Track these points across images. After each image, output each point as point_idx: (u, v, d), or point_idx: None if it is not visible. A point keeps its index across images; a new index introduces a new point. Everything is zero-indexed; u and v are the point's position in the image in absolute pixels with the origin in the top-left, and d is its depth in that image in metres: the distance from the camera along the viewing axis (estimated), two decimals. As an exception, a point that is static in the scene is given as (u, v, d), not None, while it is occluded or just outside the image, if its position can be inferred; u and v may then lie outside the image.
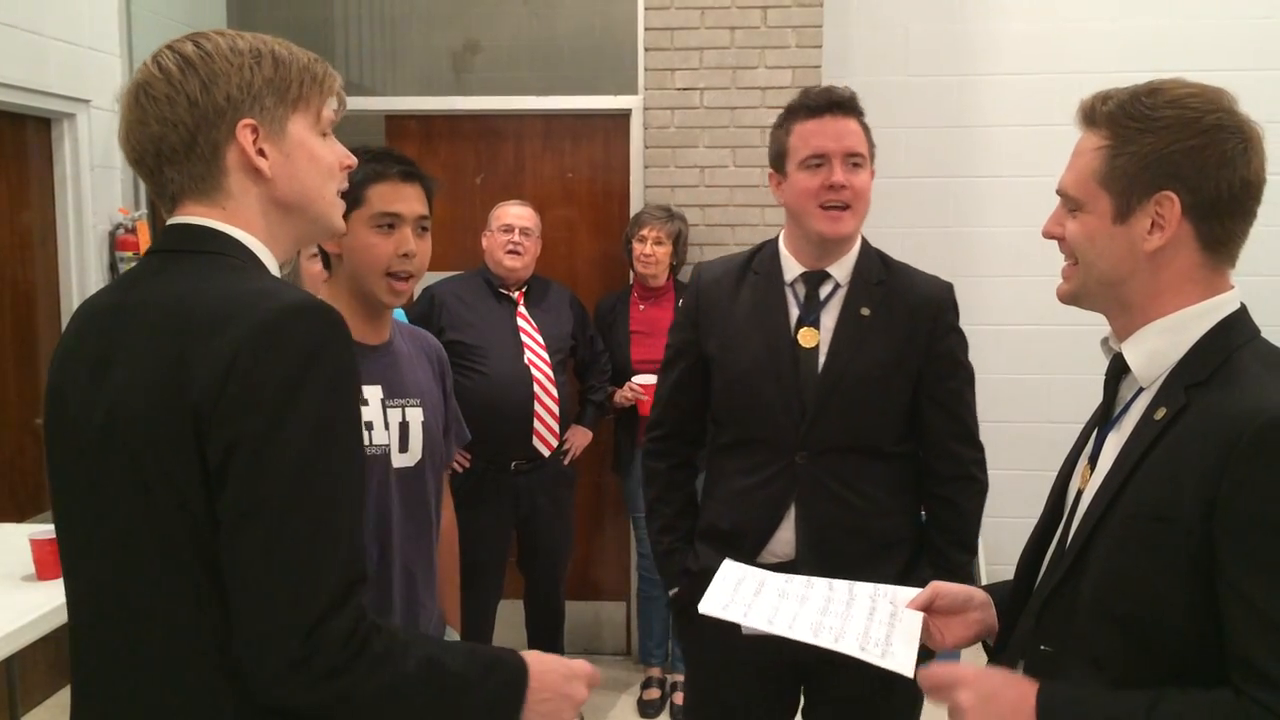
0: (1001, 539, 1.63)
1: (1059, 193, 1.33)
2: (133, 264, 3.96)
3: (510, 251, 3.61)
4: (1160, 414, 1.22)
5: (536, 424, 3.53)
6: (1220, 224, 1.23)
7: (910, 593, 1.56)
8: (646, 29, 4.06)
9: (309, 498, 1.06)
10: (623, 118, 4.16)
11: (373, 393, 1.84)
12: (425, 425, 1.91)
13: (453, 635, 2.10)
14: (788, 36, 4.01)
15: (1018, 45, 4.31)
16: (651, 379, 3.68)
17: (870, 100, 4.69)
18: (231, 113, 1.19)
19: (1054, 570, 1.32)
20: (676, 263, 3.87)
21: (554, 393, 3.56)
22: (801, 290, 2.13)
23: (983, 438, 2.24)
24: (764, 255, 2.19)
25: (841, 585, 1.61)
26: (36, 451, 3.83)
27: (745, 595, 1.56)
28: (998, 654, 1.46)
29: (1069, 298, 1.35)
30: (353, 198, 1.82)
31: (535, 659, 1.26)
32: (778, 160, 2.12)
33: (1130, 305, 1.28)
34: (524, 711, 1.23)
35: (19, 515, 3.63)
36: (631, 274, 3.96)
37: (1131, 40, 4.24)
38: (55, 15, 3.74)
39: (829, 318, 2.11)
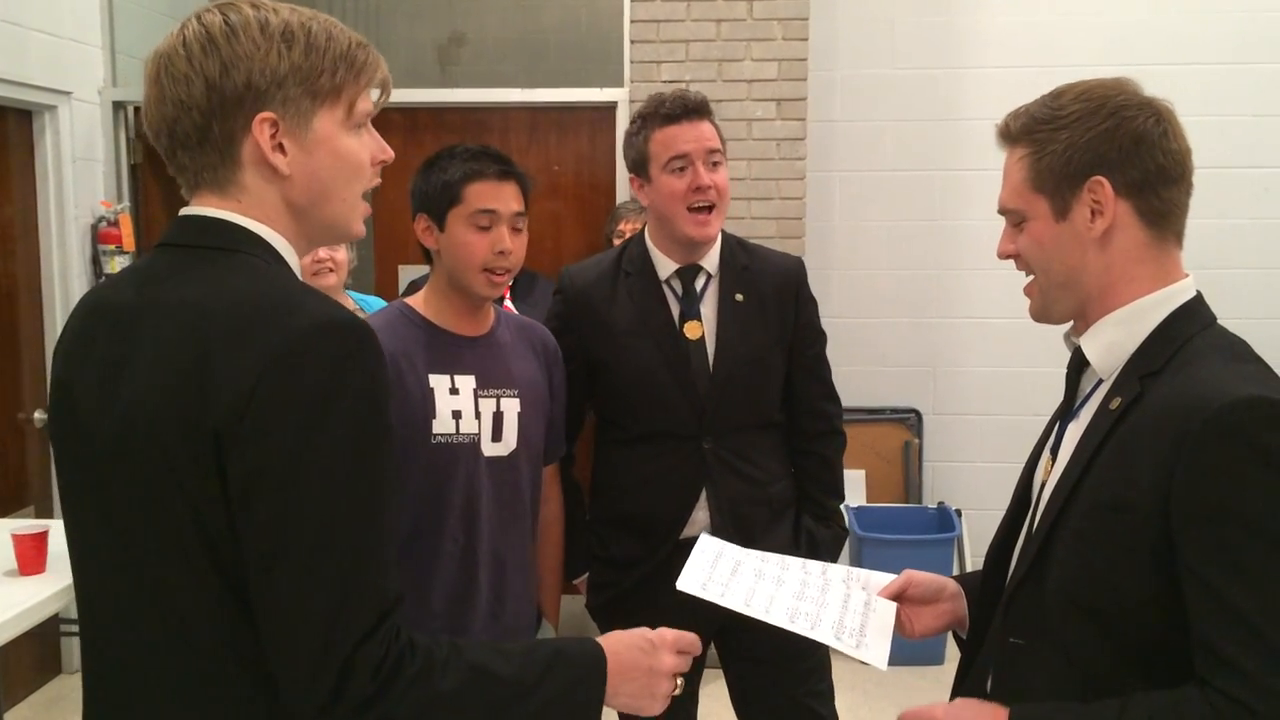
0: (986, 530, 1.65)
1: (1001, 212, 1.36)
2: (116, 256, 3.95)
3: (497, 245, 3.60)
4: (1115, 404, 1.23)
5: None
6: (1156, 195, 1.25)
7: (883, 578, 1.57)
8: (632, 21, 4.05)
9: (340, 527, 1.01)
10: (608, 110, 4.15)
11: (464, 382, 1.90)
12: (522, 416, 1.96)
13: (549, 632, 2.13)
14: (774, 29, 4.01)
15: (1002, 38, 4.32)
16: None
17: (855, 93, 4.73)
18: (251, 102, 1.09)
19: (1021, 563, 1.34)
20: (662, 253, 3.86)
21: (540, 386, 3.56)
22: (678, 286, 2.24)
23: (965, 430, 2.27)
24: (632, 255, 2.27)
25: (815, 567, 1.62)
26: (19, 446, 3.80)
27: (722, 574, 1.56)
28: (970, 647, 1.47)
29: (1040, 314, 1.37)
30: (451, 196, 1.89)
31: (612, 641, 1.22)
32: (639, 166, 2.20)
33: (1088, 299, 1.30)
34: (609, 697, 1.19)
35: (1, 510, 3.61)
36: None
37: (1115, 34, 4.25)
38: (36, 6, 3.71)
39: (708, 308, 2.23)
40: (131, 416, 1.05)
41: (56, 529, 2.46)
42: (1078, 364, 1.36)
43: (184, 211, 1.15)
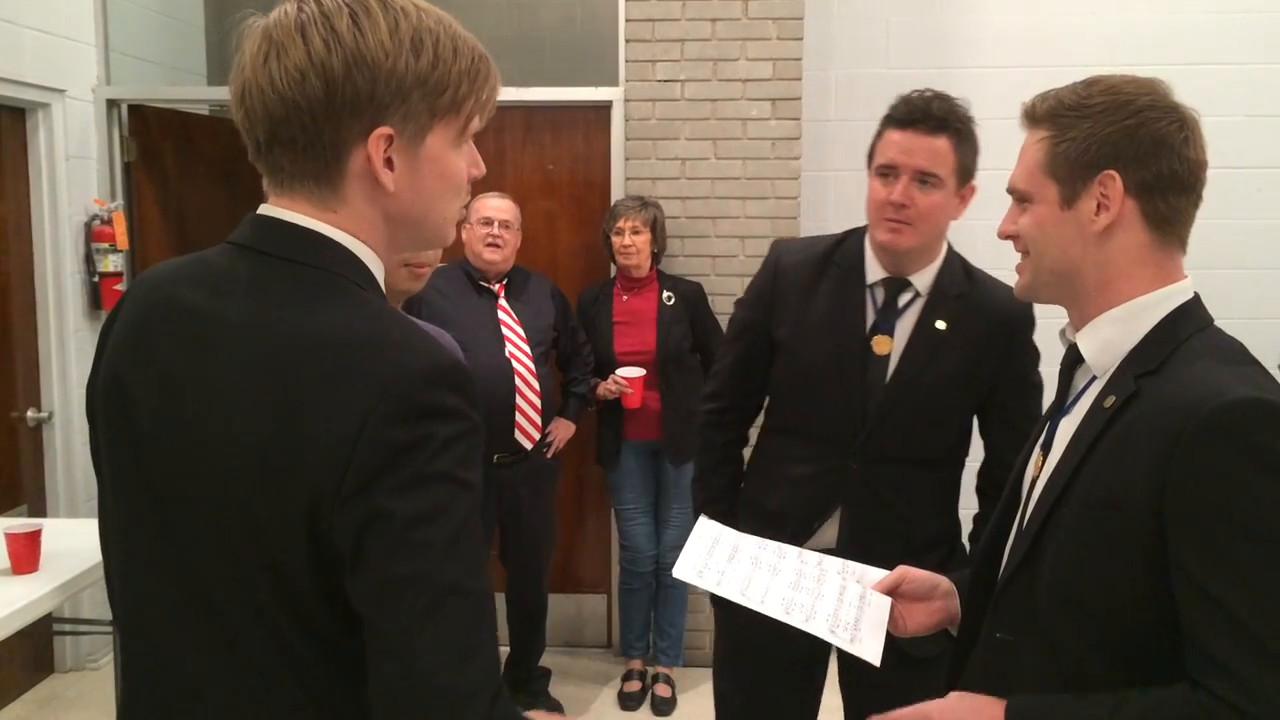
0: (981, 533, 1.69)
1: (1010, 190, 1.37)
2: (109, 255, 3.94)
3: (490, 244, 3.60)
4: (1110, 402, 1.24)
5: (519, 417, 3.52)
6: (1164, 200, 1.26)
7: (878, 573, 1.57)
8: (627, 20, 4.05)
9: (462, 584, 0.94)
10: (603, 109, 4.15)
11: None
12: None
13: None
14: (769, 28, 4.01)
15: (998, 39, 4.32)
16: (636, 371, 3.69)
17: (850, 92, 4.72)
18: (371, 113, 0.99)
19: (1011, 560, 1.34)
20: (657, 250, 3.87)
21: (536, 385, 3.56)
22: (881, 295, 2.10)
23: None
24: (847, 249, 2.15)
25: (811, 557, 1.63)
26: (13, 445, 3.79)
27: (719, 560, 1.57)
28: (962, 644, 1.48)
29: (1025, 291, 1.37)
30: None
31: None
32: (868, 159, 2.09)
33: (1084, 293, 1.30)
34: None
35: (-6, 509, 3.60)
36: (613, 266, 3.96)
37: (1111, 34, 4.26)
38: (30, 4, 3.70)
39: (904, 327, 2.08)
40: (205, 446, 0.98)
41: (50, 528, 2.46)
42: (1071, 360, 1.36)
43: (268, 212, 1.05)
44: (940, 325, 2.07)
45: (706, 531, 1.65)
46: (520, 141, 4.27)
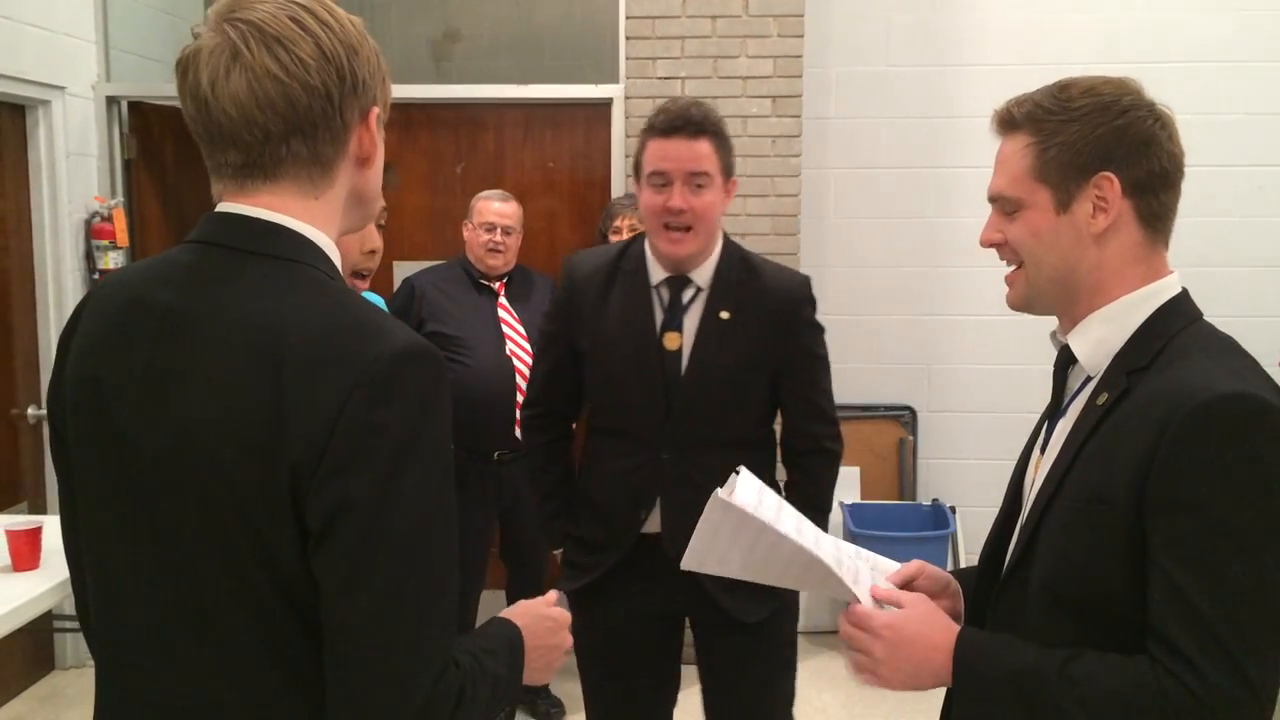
0: (981, 527, 1.69)
1: (992, 199, 1.35)
2: (109, 252, 3.94)
3: (491, 250, 3.59)
4: (1102, 399, 1.24)
5: (519, 414, 3.52)
6: (1155, 198, 1.27)
7: (890, 564, 1.58)
8: (628, 18, 4.05)
9: (423, 565, 0.99)
10: (604, 107, 4.15)
11: None
12: None
13: None
14: (769, 26, 4.01)
15: (999, 36, 4.32)
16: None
17: (851, 90, 4.72)
18: (364, 95, 1.09)
19: (1011, 560, 1.35)
20: (656, 250, 3.86)
21: (535, 383, 3.55)
22: (665, 295, 2.23)
23: (960, 427, 2.27)
24: (632, 254, 2.28)
25: (827, 540, 1.64)
26: (13, 442, 3.79)
27: (770, 507, 1.58)
28: None
29: (1021, 303, 1.36)
30: None
31: (522, 619, 1.25)
32: (635, 171, 2.21)
33: (1077, 295, 1.30)
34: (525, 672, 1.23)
35: (-5, 506, 3.60)
36: (612, 264, 3.96)
37: (1112, 32, 4.26)
38: (30, 1, 3.70)
39: (691, 321, 2.22)
40: (188, 436, 1.00)
41: (51, 525, 2.46)
42: (1064, 362, 1.36)
43: (229, 209, 1.08)
44: (724, 315, 2.20)
45: (752, 481, 1.67)
46: (520, 139, 4.26)
